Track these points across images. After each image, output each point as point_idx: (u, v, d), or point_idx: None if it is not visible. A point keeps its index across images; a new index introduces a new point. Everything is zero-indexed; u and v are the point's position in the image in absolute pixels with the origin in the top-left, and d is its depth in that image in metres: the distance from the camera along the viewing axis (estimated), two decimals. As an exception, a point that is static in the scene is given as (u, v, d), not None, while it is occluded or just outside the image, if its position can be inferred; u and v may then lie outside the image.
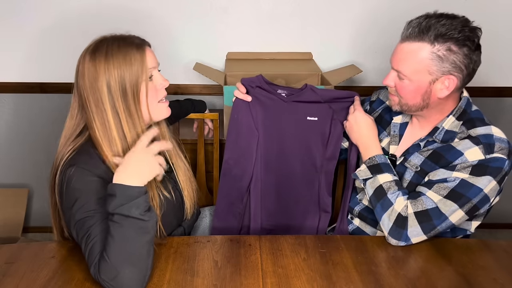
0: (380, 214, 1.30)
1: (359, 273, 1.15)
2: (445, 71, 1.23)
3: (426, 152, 1.32)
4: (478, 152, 1.23)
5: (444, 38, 1.21)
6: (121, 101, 1.15)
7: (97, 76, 1.13)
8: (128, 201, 1.04)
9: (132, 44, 1.17)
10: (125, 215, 1.03)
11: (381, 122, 1.49)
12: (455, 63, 1.22)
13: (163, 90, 1.23)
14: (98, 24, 2.11)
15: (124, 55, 1.14)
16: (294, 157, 1.54)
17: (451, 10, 1.26)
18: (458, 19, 1.23)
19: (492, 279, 1.15)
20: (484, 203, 1.25)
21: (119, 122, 1.15)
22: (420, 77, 1.25)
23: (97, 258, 1.05)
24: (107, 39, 1.18)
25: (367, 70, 2.20)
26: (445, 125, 1.31)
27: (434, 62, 1.23)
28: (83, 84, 1.15)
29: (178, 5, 2.15)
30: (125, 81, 1.14)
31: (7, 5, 2.11)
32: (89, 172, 1.13)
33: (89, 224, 1.08)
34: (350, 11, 2.19)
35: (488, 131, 1.26)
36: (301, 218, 1.56)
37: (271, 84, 1.55)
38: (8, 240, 2.16)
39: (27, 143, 2.33)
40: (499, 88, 2.31)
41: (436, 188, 1.25)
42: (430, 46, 1.22)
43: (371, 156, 1.36)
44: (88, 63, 1.14)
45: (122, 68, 1.14)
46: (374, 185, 1.33)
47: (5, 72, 2.22)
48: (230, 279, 1.12)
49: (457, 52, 1.21)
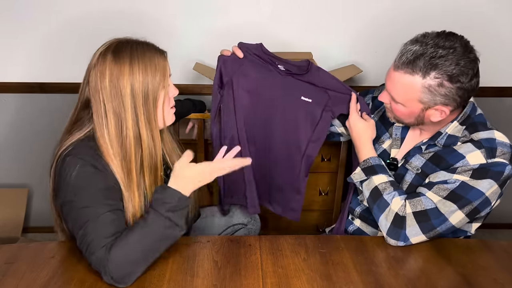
0: (378, 215, 1.30)
1: (359, 273, 1.15)
2: (437, 102, 1.23)
3: (427, 155, 1.32)
4: (480, 156, 1.23)
5: (437, 72, 1.18)
6: (142, 104, 1.15)
7: (122, 76, 1.13)
8: (179, 209, 1.12)
9: (155, 49, 1.20)
10: (173, 221, 1.11)
11: (384, 122, 1.48)
12: (447, 95, 1.21)
13: (172, 99, 1.26)
14: (99, 24, 2.11)
15: (149, 59, 1.16)
16: (280, 135, 1.51)
17: (452, 10, 1.25)
18: (455, 50, 1.17)
19: (492, 279, 1.15)
20: (485, 206, 1.25)
21: (137, 125, 1.16)
22: (412, 104, 1.25)
23: (107, 245, 1.06)
24: (129, 41, 1.18)
25: (367, 70, 2.20)
26: (449, 130, 1.31)
27: (425, 95, 1.22)
28: (102, 84, 1.14)
29: (178, 5, 2.14)
30: (149, 85, 1.15)
31: (7, 5, 2.11)
32: (88, 163, 1.13)
33: (89, 213, 1.09)
34: (350, 11, 2.19)
35: (491, 135, 1.25)
36: (279, 199, 1.58)
37: (271, 55, 1.49)
38: (8, 240, 2.16)
39: (27, 143, 2.33)
40: (499, 88, 2.31)
41: (436, 189, 1.25)
42: (421, 80, 1.20)
43: (365, 159, 1.37)
44: (110, 62, 1.14)
45: (148, 72, 1.15)
46: (369, 186, 1.33)
47: (6, 72, 2.22)
48: (230, 279, 1.12)
49: (449, 87, 1.19)
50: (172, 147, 1.35)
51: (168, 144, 1.35)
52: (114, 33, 1.24)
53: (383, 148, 1.45)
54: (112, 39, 1.20)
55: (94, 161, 1.13)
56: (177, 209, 1.12)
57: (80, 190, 1.10)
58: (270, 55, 1.49)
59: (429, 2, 1.61)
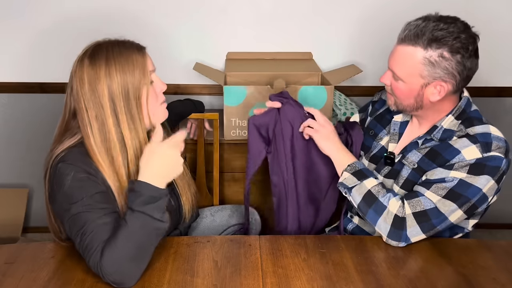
0: (375, 219, 1.29)
1: (359, 273, 1.15)
2: (436, 77, 1.23)
3: (423, 150, 1.33)
4: (475, 151, 1.23)
5: (438, 44, 1.21)
6: (123, 104, 1.14)
7: (98, 80, 1.12)
8: (153, 201, 1.08)
9: (133, 47, 1.18)
10: (148, 214, 1.07)
11: (381, 121, 1.49)
12: (447, 69, 1.22)
13: (161, 94, 1.24)
14: (99, 24, 2.11)
15: (126, 58, 1.15)
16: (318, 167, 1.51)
17: (453, 9, 1.26)
18: (456, 24, 1.22)
19: (492, 279, 1.15)
20: (483, 202, 1.25)
21: (119, 126, 1.15)
22: (413, 80, 1.26)
23: (100, 249, 1.05)
24: (105, 43, 1.17)
25: (367, 70, 2.20)
26: (444, 124, 1.31)
27: (426, 67, 1.23)
28: (81, 90, 1.14)
29: (178, 5, 2.15)
30: (128, 84, 1.14)
31: (7, 5, 2.11)
32: (80, 169, 1.12)
33: (85, 219, 1.08)
34: (350, 11, 2.19)
35: (486, 129, 1.26)
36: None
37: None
38: (8, 240, 2.16)
39: (27, 143, 2.33)
40: (499, 88, 2.31)
41: (434, 188, 1.25)
42: (423, 51, 1.22)
43: (350, 164, 1.36)
44: (87, 67, 1.13)
45: (125, 71, 1.14)
46: (361, 191, 1.32)
47: (5, 72, 2.22)
48: (230, 279, 1.12)
49: (450, 59, 1.21)
50: None
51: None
52: (114, 33, 1.24)
53: (381, 145, 1.45)
54: (92, 43, 1.19)
55: (86, 167, 1.13)
56: (151, 201, 1.08)
57: (74, 197, 1.10)
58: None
59: (429, 2, 1.61)
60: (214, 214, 1.67)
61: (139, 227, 1.06)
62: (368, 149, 1.49)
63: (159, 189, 1.10)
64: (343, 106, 2.08)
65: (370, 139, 1.50)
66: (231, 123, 1.93)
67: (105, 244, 1.06)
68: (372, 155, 1.46)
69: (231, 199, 2.05)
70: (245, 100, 1.89)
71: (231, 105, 1.90)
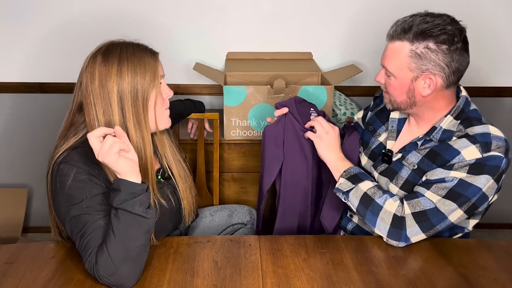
0: (373, 220, 1.29)
1: (359, 273, 1.15)
2: (424, 69, 1.24)
3: (423, 151, 1.33)
4: (475, 151, 1.23)
5: (423, 36, 1.22)
6: (131, 105, 1.15)
7: (109, 77, 1.13)
8: (132, 197, 1.06)
9: (146, 50, 1.19)
10: (129, 211, 1.05)
11: (381, 117, 1.50)
12: (434, 61, 1.23)
13: (167, 100, 1.25)
14: (99, 25, 2.11)
15: (139, 60, 1.15)
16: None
17: (452, 9, 1.26)
18: (442, 17, 1.24)
19: (492, 279, 1.15)
20: (483, 202, 1.25)
21: (125, 126, 1.15)
22: (403, 74, 1.28)
23: (94, 252, 1.06)
24: (120, 43, 1.18)
25: (367, 70, 2.20)
26: (443, 124, 1.31)
27: (413, 60, 1.24)
28: (91, 85, 1.14)
29: (178, 5, 2.15)
30: (138, 85, 1.15)
31: (8, 6, 2.11)
32: (81, 170, 1.12)
33: (84, 221, 1.09)
34: (350, 11, 2.19)
35: (485, 129, 1.26)
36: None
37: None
38: (8, 240, 2.16)
39: (27, 143, 2.33)
40: (499, 88, 2.31)
41: (434, 188, 1.25)
42: (409, 44, 1.24)
43: (346, 169, 1.36)
44: (99, 64, 1.14)
45: (137, 72, 1.15)
46: (358, 194, 1.32)
47: (5, 72, 2.22)
48: (230, 279, 1.12)
49: (435, 50, 1.22)
50: (171, 150, 1.35)
51: (167, 148, 1.33)
52: (114, 33, 1.24)
53: (379, 141, 1.46)
54: (106, 41, 1.20)
55: (88, 167, 1.13)
56: (129, 197, 1.05)
57: (75, 198, 1.10)
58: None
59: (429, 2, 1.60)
60: (214, 214, 1.67)
61: (123, 225, 1.05)
62: (367, 144, 1.50)
63: (137, 184, 1.07)
64: (343, 106, 2.08)
65: (369, 134, 1.50)
66: (231, 123, 1.93)
67: (98, 248, 1.06)
68: (370, 151, 1.47)
69: (230, 199, 2.05)
70: (245, 100, 1.89)
71: (231, 105, 1.90)
